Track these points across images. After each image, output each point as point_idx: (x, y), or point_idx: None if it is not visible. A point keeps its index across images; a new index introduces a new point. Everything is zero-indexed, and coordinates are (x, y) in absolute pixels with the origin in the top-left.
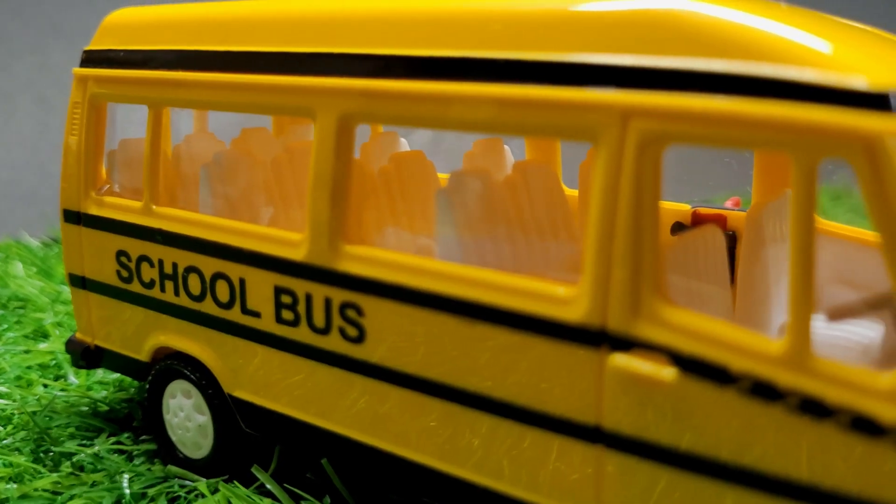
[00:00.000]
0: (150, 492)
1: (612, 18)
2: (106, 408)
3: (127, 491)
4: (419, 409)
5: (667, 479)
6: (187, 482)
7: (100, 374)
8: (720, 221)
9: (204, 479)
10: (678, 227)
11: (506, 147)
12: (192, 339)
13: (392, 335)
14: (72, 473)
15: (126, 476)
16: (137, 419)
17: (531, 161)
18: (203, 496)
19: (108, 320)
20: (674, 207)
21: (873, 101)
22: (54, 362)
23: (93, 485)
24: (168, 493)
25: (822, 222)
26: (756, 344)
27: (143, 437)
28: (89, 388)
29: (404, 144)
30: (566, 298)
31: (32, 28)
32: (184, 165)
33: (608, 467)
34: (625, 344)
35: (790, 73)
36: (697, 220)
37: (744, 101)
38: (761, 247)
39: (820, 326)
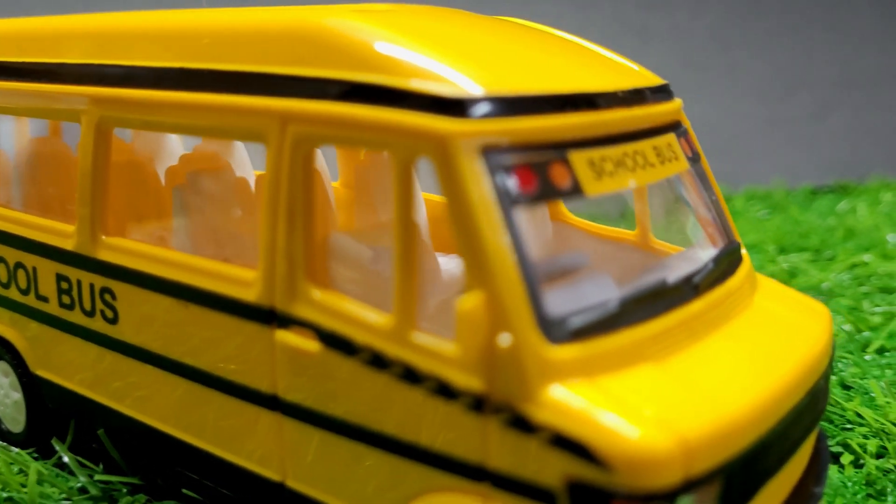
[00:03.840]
0: None
1: (277, 33)
2: None
3: None
4: (158, 383)
5: (328, 443)
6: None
7: None
8: None
9: (19, 450)
10: None
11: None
12: (5, 322)
13: (134, 316)
14: None
15: None
16: None
17: None
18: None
19: None
20: None
21: (451, 107)
22: None
23: None
24: None
25: (573, 218)
26: (374, 320)
27: None
28: None
29: (241, 149)
30: (248, 281)
31: None
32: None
33: (285, 432)
34: (286, 321)
35: (392, 82)
36: None
37: (361, 108)
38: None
39: None
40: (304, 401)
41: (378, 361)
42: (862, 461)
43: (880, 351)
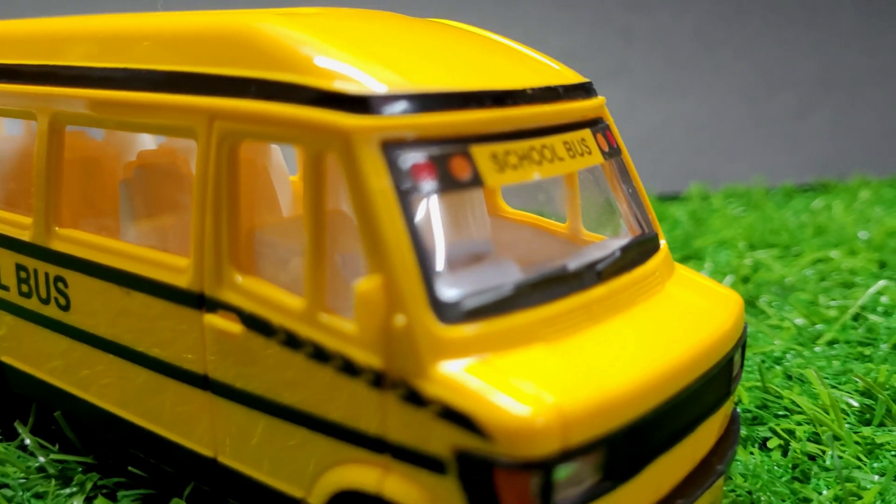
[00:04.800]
0: None
1: (209, 36)
2: None
3: None
4: (108, 367)
5: (251, 419)
6: None
7: None
8: None
9: None
10: None
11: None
12: None
13: (83, 303)
14: None
15: None
16: None
17: None
18: None
19: None
20: None
21: (355, 104)
22: None
23: None
24: None
25: (509, 210)
26: (288, 303)
27: None
28: None
29: None
30: (181, 268)
31: None
32: None
33: (215, 410)
34: (214, 305)
35: (303, 81)
36: None
37: (276, 105)
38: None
39: None
40: (230, 380)
41: (292, 341)
42: (791, 447)
43: (831, 343)
